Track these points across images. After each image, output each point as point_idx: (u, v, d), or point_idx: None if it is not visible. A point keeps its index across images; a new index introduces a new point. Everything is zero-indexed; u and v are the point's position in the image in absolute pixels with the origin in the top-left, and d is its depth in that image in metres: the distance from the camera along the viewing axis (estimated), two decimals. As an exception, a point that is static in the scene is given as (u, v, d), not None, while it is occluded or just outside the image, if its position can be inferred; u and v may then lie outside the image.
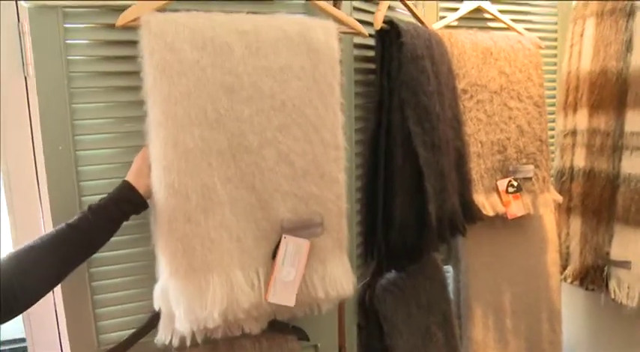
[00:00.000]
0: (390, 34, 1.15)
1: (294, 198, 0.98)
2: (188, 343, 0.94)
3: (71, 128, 0.96)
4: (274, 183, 0.96)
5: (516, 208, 1.56)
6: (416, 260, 1.28)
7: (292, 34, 0.96)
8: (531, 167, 1.59)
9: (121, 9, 0.91)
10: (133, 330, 1.03)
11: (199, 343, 0.96)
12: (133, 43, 0.89)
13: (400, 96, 1.13)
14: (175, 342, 0.94)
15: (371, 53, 1.20)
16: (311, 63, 0.98)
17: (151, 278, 0.94)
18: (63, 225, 0.84)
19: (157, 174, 0.88)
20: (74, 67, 0.95)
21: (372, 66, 1.20)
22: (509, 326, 1.68)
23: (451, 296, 1.57)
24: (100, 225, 0.86)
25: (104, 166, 0.98)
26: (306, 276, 1.00)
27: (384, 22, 1.15)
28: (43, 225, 1.07)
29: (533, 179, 1.60)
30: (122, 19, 0.90)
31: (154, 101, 0.88)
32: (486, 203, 1.53)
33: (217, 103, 0.91)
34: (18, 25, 1.02)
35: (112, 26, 0.92)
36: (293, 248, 0.97)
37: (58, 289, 0.99)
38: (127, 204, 0.89)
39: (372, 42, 1.18)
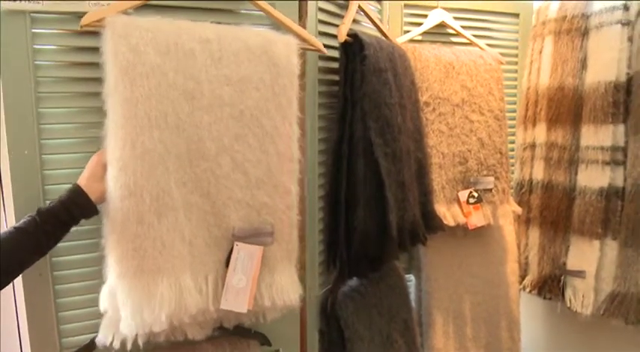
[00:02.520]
0: (353, 47, 1.20)
1: (247, 207, 1.01)
2: (129, 346, 0.94)
3: (37, 132, 0.96)
4: (228, 191, 0.99)
5: (477, 219, 1.63)
6: (377, 268, 1.32)
7: (254, 47, 0.99)
8: (491, 179, 1.67)
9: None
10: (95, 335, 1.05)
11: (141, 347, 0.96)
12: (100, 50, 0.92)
13: (362, 108, 1.19)
14: (117, 345, 0.94)
15: (335, 65, 1.25)
16: (271, 75, 1.01)
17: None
18: (11, 227, 0.84)
19: (113, 174, 0.89)
20: (41, 72, 0.96)
21: (336, 77, 1.25)
22: (469, 334, 1.74)
23: (413, 304, 1.63)
24: (47, 229, 0.86)
25: (70, 170, 0.99)
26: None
27: (349, 34, 1.20)
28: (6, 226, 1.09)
29: (493, 190, 1.67)
30: (87, 19, 0.91)
31: (115, 102, 0.89)
32: (447, 213, 1.59)
33: (178, 108, 0.93)
34: None
35: (79, 32, 0.95)
36: (245, 255, 0.99)
37: (19, 291, 1.01)
38: (77, 208, 0.89)
39: (336, 54, 1.24)
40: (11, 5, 0.94)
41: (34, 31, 0.97)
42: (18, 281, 0.95)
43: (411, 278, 1.73)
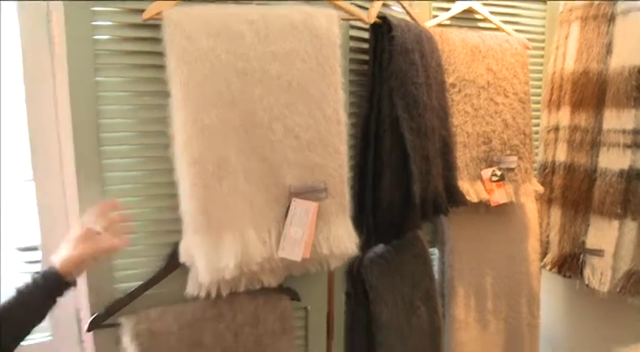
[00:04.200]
0: (382, 28, 1.34)
1: (301, 167, 1.18)
2: (213, 295, 1.15)
3: (96, 99, 1.12)
4: (282, 154, 1.16)
5: (499, 196, 1.76)
6: (401, 235, 1.47)
7: (296, 22, 1.16)
8: (515, 158, 1.79)
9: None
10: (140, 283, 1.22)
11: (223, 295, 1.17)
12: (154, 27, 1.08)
13: (390, 86, 1.33)
14: (202, 294, 1.15)
15: (365, 45, 1.40)
16: (314, 47, 1.17)
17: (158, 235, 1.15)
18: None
19: (180, 147, 1.08)
20: (99, 46, 1.12)
21: (366, 57, 1.39)
22: (490, 307, 1.87)
23: (436, 275, 1.77)
24: (31, 311, 0.99)
25: (124, 134, 1.17)
26: (314, 237, 1.19)
27: (378, 17, 1.34)
28: (64, 187, 1.26)
29: (515, 170, 1.79)
30: (147, 13, 1.08)
31: (175, 85, 1.07)
32: (471, 190, 1.72)
33: (231, 85, 1.11)
34: (47, 8, 1.17)
35: (138, 16, 1.11)
36: (301, 210, 1.17)
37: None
38: (57, 291, 1.02)
39: (366, 35, 1.38)
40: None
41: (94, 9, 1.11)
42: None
43: (435, 252, 1.84)
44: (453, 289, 1.80)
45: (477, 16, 1.84)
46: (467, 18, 1.83)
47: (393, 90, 1.34)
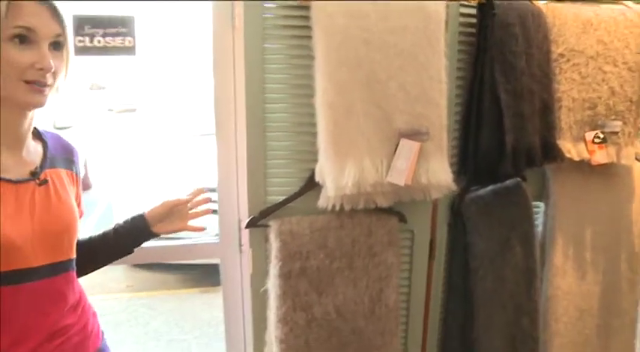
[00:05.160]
0: (487, 6, 1.66)
1: (409, 115, 1.57)
2: (337, 207, 1.58)
3: (262, 60, 1.57)
4: (394, 104, 1.56)
5: (600, 156, 1.97)
6: (496, 180, 1.79)
7: (410, 4, 1.54)
8: (619, 123, 1.98)
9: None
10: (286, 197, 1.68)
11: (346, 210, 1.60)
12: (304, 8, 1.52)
13: (491, 54, 1.65)
14: (330, 207, 1.58)
15: (472, 20, 1.72)
16: (424, 23, 1.54)
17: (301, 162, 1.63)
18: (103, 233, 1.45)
19: (319, 95, 1.52)
20: (267, 22, 1.56)
21: (473, 30, 1.72)
22: (589, 259, 2.10)
23: (539, 227, 2.03)
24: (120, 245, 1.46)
25: (280, 86, 1.61)
26: (415, 169, 1.57)
27: (483, -4, 1.67)
28: (236, 139, 1.72)
29: (619, 133, 1.99)
30: None
31: (318, 50, 1.51)
32: (573, 149, 1.95)
33: (358, 51, 1.52)
34: None
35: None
36: (407, 147, 1.56)
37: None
38: (141, 236, 1.47)
39: (473, 11, 1.71)
40: None
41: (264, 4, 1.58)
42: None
43: (540, 205, 2.10)
44: (553, 238, 2.05)
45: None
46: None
47: (493, 58, 1.65)
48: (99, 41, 1.66)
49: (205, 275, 4.32)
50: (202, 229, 1.57)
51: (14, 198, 1.13)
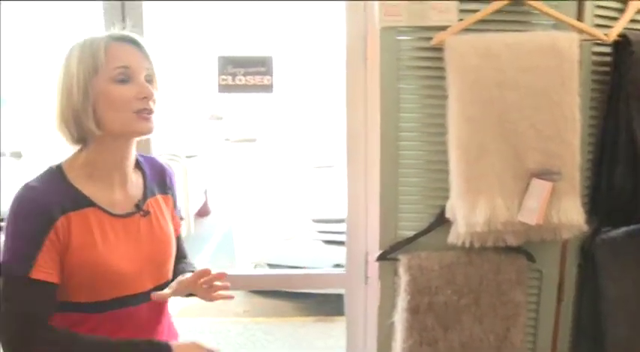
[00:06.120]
0: (622, 44, 1.65)
1: (541, 154, 1.59)
2: (467, 245, 1.62)
3: (397, 99, 1.67)
4: (527, 143, 1.58)
5: None
6: (630, 221, 1.75)
7: (543, 44, 1.58)
8: None
9: (431, 28, 1.62)
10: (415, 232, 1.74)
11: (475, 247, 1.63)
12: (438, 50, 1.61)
13: (626, 91, 1.64)
14: (459, 243, 1.63)
15: (606, 58, 1.72)
16: (556, 63, 1.57)
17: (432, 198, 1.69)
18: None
19: (451, 134, 1.59)
20: (402, 62, 1.66)
21: (605, 68, 1.72)
22: None
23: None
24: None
25: (414, 124, 1.71)
26: (546, 208, 1.58)
27: (619, 35, 1.66)
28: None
29: None
30: (435, 40, 1.62)
31: (451, 89, 1.59)
32: None
33: (491, 91, 1.58)
34: (364, 32, 1.77)
35: (427, 42, 1.64)
36: (539, 187, 1.58)
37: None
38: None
39: (606, 50, 1.71)
40: (385, 23, 1.65)
41: (398, 38, 1.67)
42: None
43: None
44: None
45: None
46: None
47: (629, 95, 1.65)
48: (240, 80, 1.83)
49: (320, 305, 4.45)
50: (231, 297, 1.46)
51: (124, 232, 1.28)
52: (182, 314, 4.04)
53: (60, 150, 1.28)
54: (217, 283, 1.33)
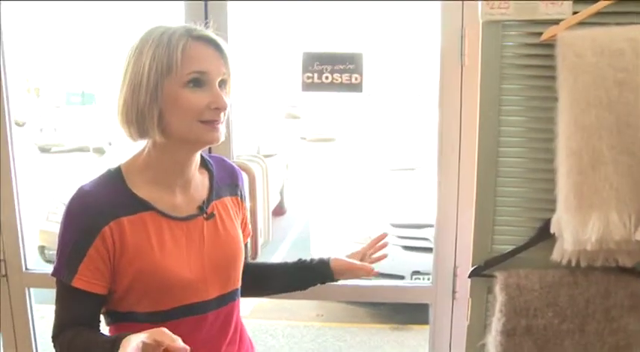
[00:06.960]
0: None
1: None
2: (573, 263, 1.48)
3: (498, 101, 1.54)
4: (650, 151, 1.42)
5: None
6: None
7: None
8: None
9: (540, 22, 1.47)
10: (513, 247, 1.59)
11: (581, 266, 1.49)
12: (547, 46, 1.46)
13: None
14: (564, 261, 1.49)
15: None
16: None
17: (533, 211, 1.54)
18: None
19: (562, 140, 1.44)
20: (505, 60, 1.53)
21: None
22: None
23: None
24: None
25: (517, 129, 1.57)
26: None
27: None
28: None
29: None
30: (545, 36, 1.47)
31: (563, 92, 1.44)
32: None
33: (610, 93, 1.42)
34: (461, 29, 1.62)
35: (536, 38, 1.50)
36: None
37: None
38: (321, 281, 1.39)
39: None
40: (490, 17, 1.51)
41: (504, 32, 1.54)
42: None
43: None
44: None
45: None
46: None
47: None
48: (327, 77, 1.74)
49: (395, 312, 4.30)
50: (377, 273, 1.44)
51: (185, 236, 1.19)
52: (253, 315, 4.05)
53: (135, 147, 1.22)
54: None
